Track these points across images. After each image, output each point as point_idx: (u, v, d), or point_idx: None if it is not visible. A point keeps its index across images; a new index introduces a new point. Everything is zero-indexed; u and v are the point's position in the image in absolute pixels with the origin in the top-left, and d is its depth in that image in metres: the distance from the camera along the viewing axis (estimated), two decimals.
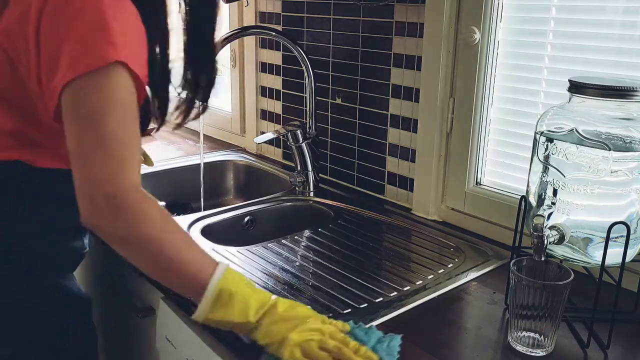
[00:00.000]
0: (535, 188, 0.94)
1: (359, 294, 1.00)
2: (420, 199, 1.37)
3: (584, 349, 0.87)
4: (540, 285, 0.82)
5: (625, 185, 0.85)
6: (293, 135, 1.48)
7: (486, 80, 1.21)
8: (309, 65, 1.47)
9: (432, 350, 0.85)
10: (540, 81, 1.14)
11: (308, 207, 1.47)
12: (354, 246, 1.20)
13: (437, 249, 1.20)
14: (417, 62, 1.32)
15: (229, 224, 1.37)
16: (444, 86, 1.27)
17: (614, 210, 0.86)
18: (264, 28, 1.58)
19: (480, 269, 1.10)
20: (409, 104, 1.37)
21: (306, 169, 1.50)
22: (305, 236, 1.25)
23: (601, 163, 0.84)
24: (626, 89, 0.84)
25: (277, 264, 1.11)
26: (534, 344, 0.85)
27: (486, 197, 1.25)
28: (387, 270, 1.10)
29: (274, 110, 1.77)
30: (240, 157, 1.81)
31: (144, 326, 1.17)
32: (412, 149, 1.38)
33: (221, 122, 1.99)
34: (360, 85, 1.48)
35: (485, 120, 1.24)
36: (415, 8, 1.30)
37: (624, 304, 0.93)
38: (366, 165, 1.51)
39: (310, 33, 1.58)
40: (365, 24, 1.43)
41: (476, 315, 0.95)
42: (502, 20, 1.18)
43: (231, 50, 1.87)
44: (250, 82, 1.83)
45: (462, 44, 1.23)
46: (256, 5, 1.74)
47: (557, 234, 0.87)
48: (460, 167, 1.29)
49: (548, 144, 0.90)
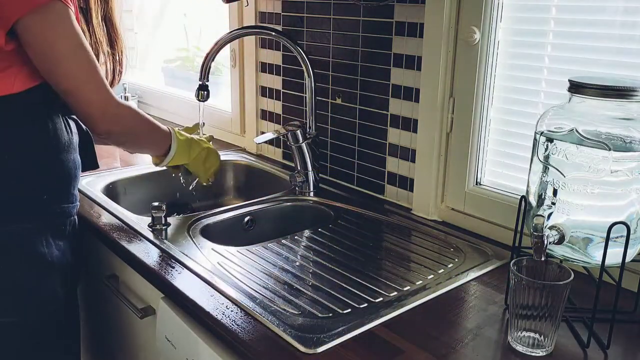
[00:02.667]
0: (535, 188, 0.94)
1: (359, 294, 1.00)
2: (420, 199, 1.37)
3: (584, 349, 0.87)
4: (540, 285, 0.82)
5: (625, 185, 0.85)
6: (293, 135, 1.48)
7: (486, 80, 1.21)
8: (309, 65, 1.47)
9: (432, 350, 0.85)
10: (540, 81, 1.14)
11: (308, 207, 1.47)
12: (354, 246, 1.20)
13: (437, 249, 1.20)
14: (417, 62, 1.32)
15: (229, 224, 1.36)
16: (444, 86, 1.27)
17: (614, 210, 0.86)
18: (264, 28, 1.58)
19: (480, 269, 1.10)
20: (409, 104, 1.37)
21: (306, 169, 1.50)
22: (305, 236, 1.25)
23: (601, 163, 0.84)
24: (626, 89, 0.84)
25: (277, 264, 1.11)
26: (534, 344, 0.85)
27: (486, 197, 1.25)
28: (387, 270, 1.10)
29: (274, 110, 1.77)
30: (240, 157, 1.81)
31: (144, 326, 1.17)
32: (412, 149, 1.38)
33: (221, 122, 1.99)
34: (360, 85, 1.48)
35: (485, 120, 1.24)
36: (415, 8, 1.30)
37: (624, 304, 0.93)
38: (366, 165, 1.51)
39: (310, 33, 1.58)
40: (365, 24, 1.43)
41: (476, 315, 0.95)
42: (502, 20, 1.18)
43: (231, 50, 1.87)
44: (250, 82, 1.83)
45: (462, 44, 1.23)
46: (256, 5, 1.74)
47: (557, 234, 0.87)
48: (460, 167, 1.29)
49: (548, 144, 0.90)
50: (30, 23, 0.97)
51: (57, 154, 1.08)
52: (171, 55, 2.52)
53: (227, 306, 0.95)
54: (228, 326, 0.90)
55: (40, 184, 1.07)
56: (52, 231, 1.09)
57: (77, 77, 1.03)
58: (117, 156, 1.76)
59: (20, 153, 1.04)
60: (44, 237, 1.08)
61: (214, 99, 1.78)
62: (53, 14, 0.98)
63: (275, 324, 0.90)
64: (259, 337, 0.87)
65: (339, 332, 0.88)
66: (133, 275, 1.17)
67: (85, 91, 1.05)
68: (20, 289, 1.06)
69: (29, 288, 1.07)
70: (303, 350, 0.84)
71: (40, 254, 1.07)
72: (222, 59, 2.18)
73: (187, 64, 2.47)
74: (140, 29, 2.66)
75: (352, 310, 0.95)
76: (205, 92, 1.46)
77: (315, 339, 0.86)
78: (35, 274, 1.07)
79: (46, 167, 1.07)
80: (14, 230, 1.04)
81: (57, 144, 1.08)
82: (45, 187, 1.07)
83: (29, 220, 1.06)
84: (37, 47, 1.00)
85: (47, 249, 1.08)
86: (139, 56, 2.69)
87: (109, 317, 1.33)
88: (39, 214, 1.07)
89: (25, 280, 1.06)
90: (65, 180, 1.11)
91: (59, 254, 1.11)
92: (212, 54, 1.44)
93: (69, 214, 1.13)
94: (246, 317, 0.92)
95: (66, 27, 1.00)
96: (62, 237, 1.12)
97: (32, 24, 0.97)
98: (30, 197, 1.06)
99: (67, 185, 1.12)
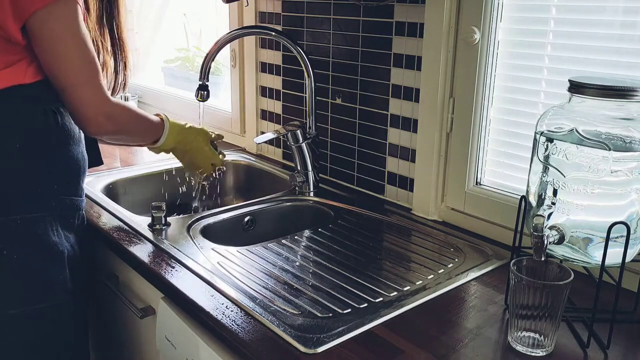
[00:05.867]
0: (535, 188, 0.94)
1: (359, 294, 1.00)
2: (420, 199, 1.37)
3: (584, 349, 0.87)
4: (540, 285, 0.82)
5: (625, 185, 0.85)
6: (293, 135, 1.48)
7: (486, 80, 1.21)
8: (309, 65, 1.47)
9: (432, 350, 0.85)
10: (540, 81, 1.14)
11: (308, 207, 1.47)
12: (354, 246, 1.20)
13: (437, 249, 1.20)
14: (417, 62, 1.32)
15: (229, 224, 1.36)
16: (444, 86, 1.27)
17: (614, 210, 0.86)
18: (264, 28, 1.58)
19: (480, 269, 1.10)
20: (409, 104, 1.37)
21: (306, 169, 1.50)
22: (305, 236, 1.25)
23: (601, 163, 0.84)
24: (626, 89, 0.84)
25: (277, 264, 1.11)
26: (534, 344, 0.85)
27: (486, 197, 1.25)
28: (387, 270, 1.10)
29: (274, 110, 1.77)
30: (240, 157, 1.81)
31: (144, 326, 1.17)
32: (412, 149, 1.38)
33: (221, 122, 1.99)
34: (360, 85, 1.48)
35: (485, 120, 1.24)
36: (415, 8, 1.30)
37: (624, 304, 0.93)
38: (366, 165, 1.51)
39: (310, 33, 1.58)
40: (365, 24, 1.43)
41: (476, 315, 0.95)
42: (502, 20, 1.18)
43: (231, 50, 1.87)
44: (250, 82, 1.83)
45: (462, 44, 1.23)
46: (256, 5, 1.74)
47: (557, 234, 0.87)
48: (460, 167, 1.29)
49: (548, 144, 0.90)
50: (43, 16, 1.00)
51: (67, 146, 1.11)
52: (171, 55, 2.52)
53: (227, 306, 0.95)
54: (228, 326, 0.90)
55: (51, 174, 1.09)
56: (62, 223, 1.12)
57: (77, 75, 1.05)
58: (117, 156, 1.76)
59: (32, 142, 1.06)
60: (55, 228, 1.10)
61: (214, 99, 1.79)
62: (65, 9, 1.01)
63: (275, 324, 0.90)
64: (259, 337, 0.87)
65: (339, 332, 0.88)
66: (133, 275, 1.17)
67: (82, 91, 1.06)
68: (33, 276, 1.07)
69: (41, 276, 1.08)
70: (303, 350, 0.84)
71: (53, 242, 1.09)
72: (222, 59, 2.18)
73: (187, 64, 2.47)
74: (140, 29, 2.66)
75: (352, 310, 0.95)
76: (205, 92, 1.46)
77: (315, 339, 0.86)
78: (48, 261, 1.09)
79: (57, 157, 1.09)
80: (27, 218, 1.05)
81: (67, 136, 1.10)
82: (56, 177, 1.10)
83: (41, 209, 1.07)
84: (45, 42, 1.02)
85: (58, 239, 1.10)
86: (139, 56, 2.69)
87: (109, 317, 1.33)
88: (50, 204, 1.09)
89: (38, 267, 1.07)
90: (75, 172, 1.13)
91: (68, 246, 1.13)
92: (212, 54, 1.44)
93: (78, 207, 1.16)
94: (246, 317, 0.92)
95: (75, 24, 1.03)
96: (70, 229, 1.14)
97: (45, 17, 1.00)
98: (42, 186, 1.08)
99: (77, 177, 1.14)
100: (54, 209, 1.09)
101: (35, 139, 1.06)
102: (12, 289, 1.06)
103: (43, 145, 1.07)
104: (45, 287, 1.09)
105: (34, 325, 1.08)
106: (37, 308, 1.08)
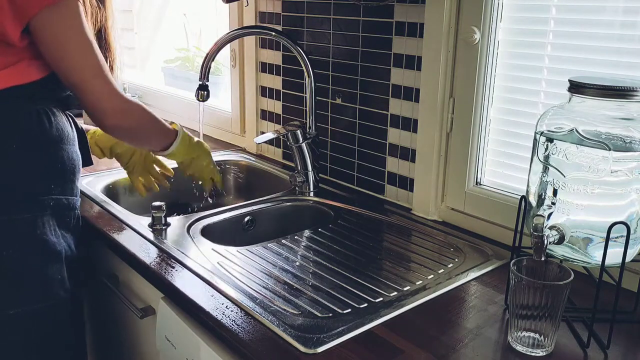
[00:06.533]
0: (535, 188, 0.94)
1: (359, 294, 1.00)
2: (420, 199, 1.37)
3: (584, 349, 0.87)
4: (540, 285, 0.82)
5: (625, 185, 0.85)
6: (293, 135, 1.48)
7: (486, 80, 1.21)
8: (309, 65, 1.47)
9: (432, 350, 0.85)
10: (540, 81, 1.14)
11: (308, 207, 1.47)
12: (354, 246, 1.20)
13: (437, 249, 1.20)
14: (417, 62, 1.32)
15: (229, 224, 1.36)
16: (444, 86, 1.27)
17: (614, 210, 0.86)
18: (264, 28, 1.58)
19: (480, 269, 1.10)
20: (409, 104, 1.37)
21: (306, 169, 1.50)
22: (305, 236, 1.25)
23: (601, 163, 0.84)
24: (626, 89, 0.84)
25: (277, 264, 1.11)
26: (534, 344, 0.85)
27: (486, 197, 1.25)
28: (387, 270, 1.10)
29: (274, 110, 1.77)
30: (240, 157, 1.81)
31: (144, 326, 1.17)
32: (412, 149, 1.38)
33: (221, 122, 1.99)
34: (360, 85, 1.48)
35: (485, 120, 1.24)
36: (415, 8, 1.30)
37: (624, 304, 0.93)
38: (366, 165, 1.51)
39: (310, 33, 1.58)
40: (365, 24, 1.43)
41: (476, 315, 0.95)
42: (502, 20, 1.18)
43: (231, 50, 1.87)
44: (250, 82, 1.83)
45: (462, 44, 1.23)
46: (256, 5, 1.74)
47: (557, 234, 0.87)
48: (460, 167, 1.29)
49: (548, 144, 0.90)
50: (46, 17, 1.01)
51: (62, 145, 1.11)
52: (171, 55, 2.52)
53: (227, 306, 0.95)
54: (228, 326, 0.90)
55: (48, 174, 1.09)
56: (59, 222, 1.12)
57: (86, 70, 1.07)
58: None
59: (29, 142, 1.06)
60: (53, 227, 1.10)
61: (214, 99, 1.79)
62: (67, 9, 1.02)
63: (275, 324, 0.90)
64: (259, 337, 0.87)
65: (339, 332, 0.88)
66: (133, 275, 1.17)
67: (95, 84, 1.08)
68: (32, 276, 1.07)
69: (40, 275, 1.08)
70: (303, 350, 0.84)
71: (51, 242, 1.09)
72: (222, 59, 2.18)
73: (187, 64, 2.47)
74: (140, 29, 2.67)
75: (352, 310, 0.95)
76: (205, 92, 1.46)
77: (315, 339, 0.86)
78: (47, 261, 1.09)
79: (52, 157, 1.10)
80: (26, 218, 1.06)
81: (61, 135, 1.11)
82: (53, 177, 1.10)
83: (39, 209, 1.08)
84: (50, 42, 1.03)
85: (55, 239, 1.10)
86: (139, 56, 2.69)
87: (109, 317, 1.33)
88: (48, 204, 1.09)
89: (37, 267, 1.07)
90: (70, 172, 1.14)
91: (65, 245, 1.13)
92: (212, 54, 1.44)
93: (74, 207, 1.16)
94: (246, 317, 0.92)
95: (78, 22, 1.04)
96: (67, 229, 1.14)
97: (48, 18, 1.01)
98: (39, 186, 1.08)
99: (72, 177, 1.15)
100: (52, 209, 1.10)
101: (32, 139, 1.06)
102: (12, 289, 1.06)
103: (39, 145, 1.08)
104: (44, 286, 1.09)
105: (34, 324, 1.08)
106: (37, 307, 1.08)
